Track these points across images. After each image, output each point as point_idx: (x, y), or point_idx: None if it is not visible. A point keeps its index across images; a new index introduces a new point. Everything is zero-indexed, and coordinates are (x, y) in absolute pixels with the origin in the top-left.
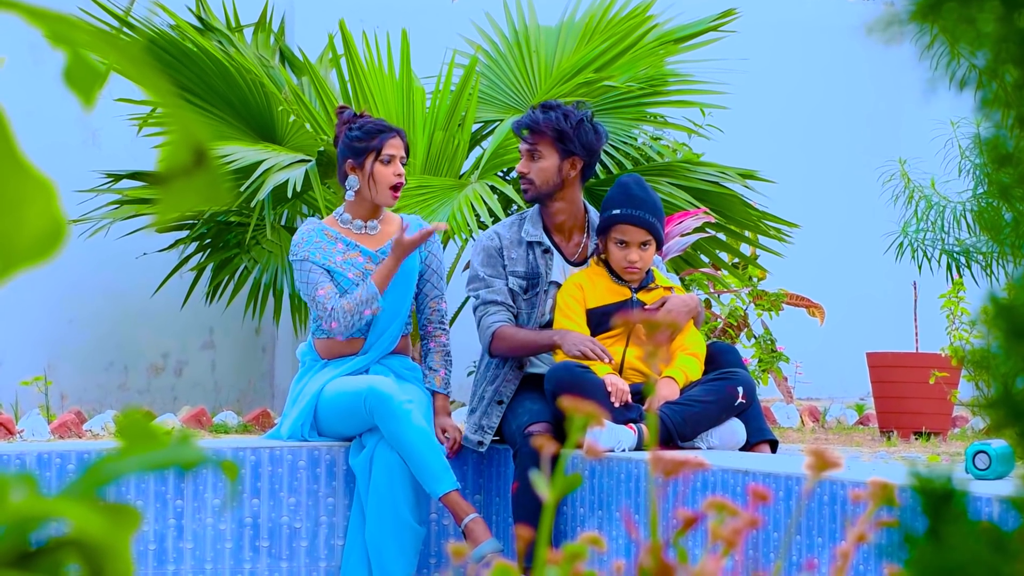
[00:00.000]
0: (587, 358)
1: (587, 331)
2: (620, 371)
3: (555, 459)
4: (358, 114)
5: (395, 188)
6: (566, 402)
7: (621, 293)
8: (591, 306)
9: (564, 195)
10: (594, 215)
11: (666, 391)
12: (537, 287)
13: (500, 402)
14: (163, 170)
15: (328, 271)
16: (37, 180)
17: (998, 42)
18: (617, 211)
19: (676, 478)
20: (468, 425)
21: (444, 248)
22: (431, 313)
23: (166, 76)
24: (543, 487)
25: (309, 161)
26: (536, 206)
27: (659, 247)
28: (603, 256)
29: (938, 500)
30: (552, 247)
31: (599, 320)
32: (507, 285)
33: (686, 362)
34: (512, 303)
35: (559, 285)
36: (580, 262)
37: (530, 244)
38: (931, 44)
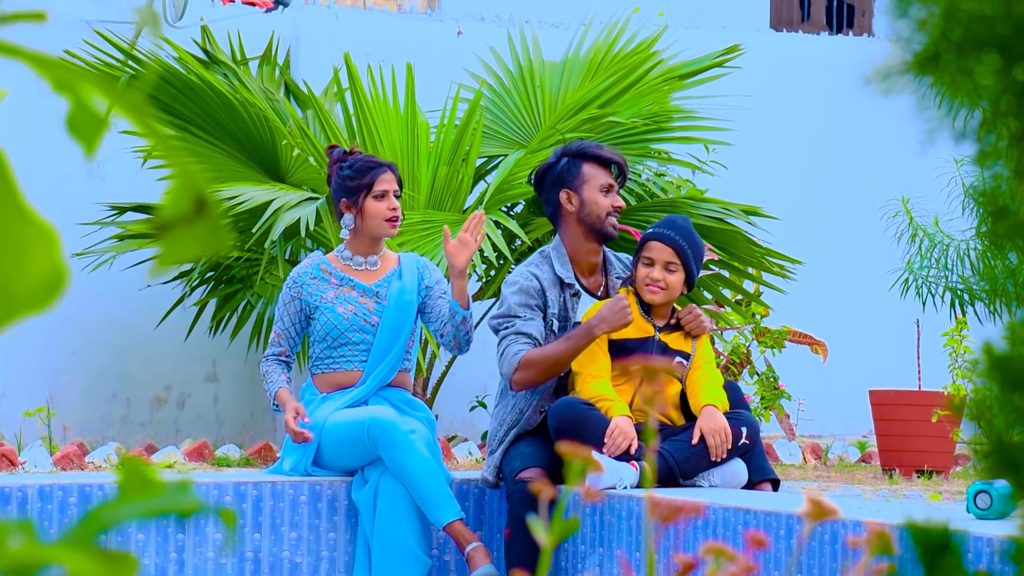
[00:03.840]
0: (628, 320)
1: (608, 358)
2: (630, 405)
3: (552, 502)
4: (348, 151)
5: (391, 220)
6: (564, 447)
7: (644, 330)
8: (614, 337)
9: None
10: (609, 254)
11: (715, 423)
12: (567, 329)
13: (542, 411)
14: (164, 218)
15: (317, 307)
16: (39, 227)
17: (996, 94)
18: (650, 230)
19: (673, 524)
20: (488, 468)
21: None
22: (441, 325)
23: (170, 109)
24: (540, 532)
25: (317, 198)
26: (555, 245)
27: (689, 283)
28: (634, 287)
29: (934, 550)
30: (580, 289)
31: (616, 354)
32: (544, 326)
33: (719, 392)
34: (542, 343)
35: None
36: (603, 297)
37: (563, 285)
38: (927, 95)
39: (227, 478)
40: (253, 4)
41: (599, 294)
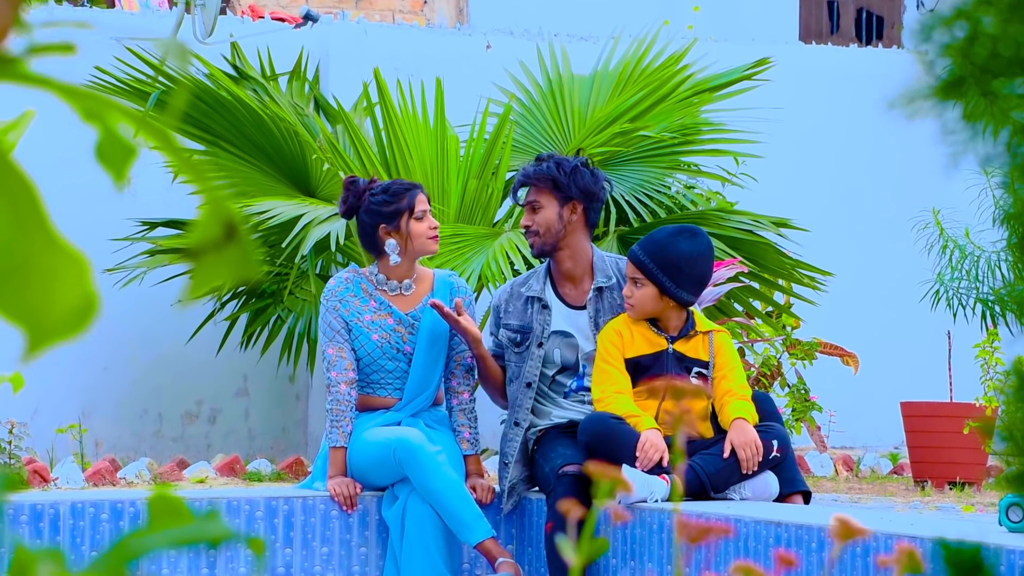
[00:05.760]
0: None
1: (627, 376)
2: (655, 419)
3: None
4: (369, 181)
5: (434, 238)
6: (593, 467)
7: (658, 344)
8: (628, 356)
9: (568, 242)
10: (599, 259)
11: (746, 437)
12: (528, 342)
13: (516, 423)
14: (194, 245)
15: (351, 328)
16: (69, 254)
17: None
18: None
19: (702, 544)
20: (513, 476)
21: (478, 297)
22: (455, 367)
23: (200, 124)
24: (569, 552)
25: None
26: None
27: (669, 295)
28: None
29: (966, 572)
30: (553, 301)
31: (632, 371)
32: (498, 338)
33: (747, 405)
34: (501, 355)
35: (563, 335)
36: (584, 305)
37: (529, 299)
38: (952, 119)
39: (258, 493)
40: (283, 20)
41: (584, 303)
